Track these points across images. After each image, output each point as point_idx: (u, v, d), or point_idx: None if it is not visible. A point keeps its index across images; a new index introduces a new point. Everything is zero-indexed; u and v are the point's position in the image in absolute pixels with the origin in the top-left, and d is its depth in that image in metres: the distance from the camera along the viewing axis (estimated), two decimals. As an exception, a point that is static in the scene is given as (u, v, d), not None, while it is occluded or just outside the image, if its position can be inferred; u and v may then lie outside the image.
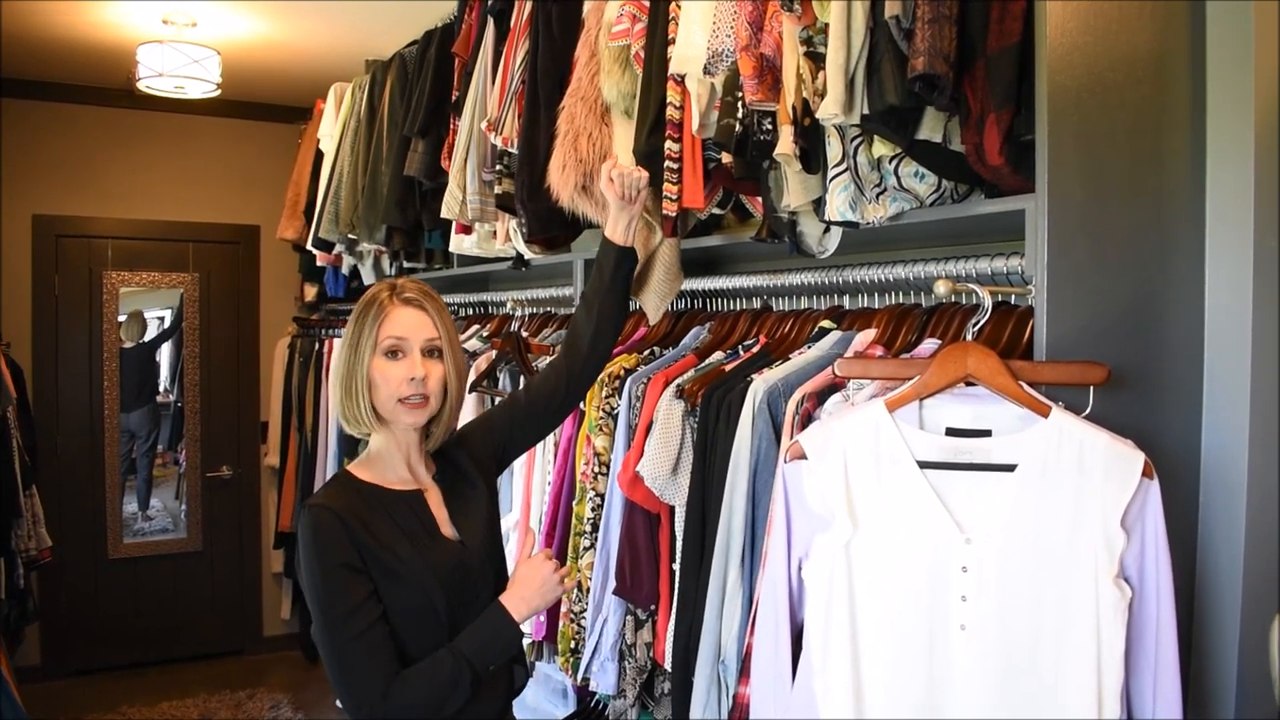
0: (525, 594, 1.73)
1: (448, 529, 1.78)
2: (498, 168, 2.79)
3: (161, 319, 5.65)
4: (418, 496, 1.77)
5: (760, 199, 2.02)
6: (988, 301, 1.66)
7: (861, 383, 1.71)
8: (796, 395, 1.81)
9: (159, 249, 5.46)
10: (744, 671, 1.74)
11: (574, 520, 2.40)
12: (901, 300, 2.09)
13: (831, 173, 1.76)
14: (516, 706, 1.88)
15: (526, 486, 2.72)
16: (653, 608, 2.18)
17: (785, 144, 1.73)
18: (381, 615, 1.63)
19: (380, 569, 1.64)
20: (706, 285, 2.46)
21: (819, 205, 1.83)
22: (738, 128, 1.85)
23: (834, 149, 1.75)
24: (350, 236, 3.84)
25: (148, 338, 5.60)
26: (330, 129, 4.14)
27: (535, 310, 3.35)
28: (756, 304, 2.48)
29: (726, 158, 1.93)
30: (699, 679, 1.92)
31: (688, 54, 1.94)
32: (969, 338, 1.65)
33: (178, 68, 4.06)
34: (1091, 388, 1.47)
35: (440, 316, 1.76)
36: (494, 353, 2.97)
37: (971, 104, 1.59)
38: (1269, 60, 1.69)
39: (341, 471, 1.79)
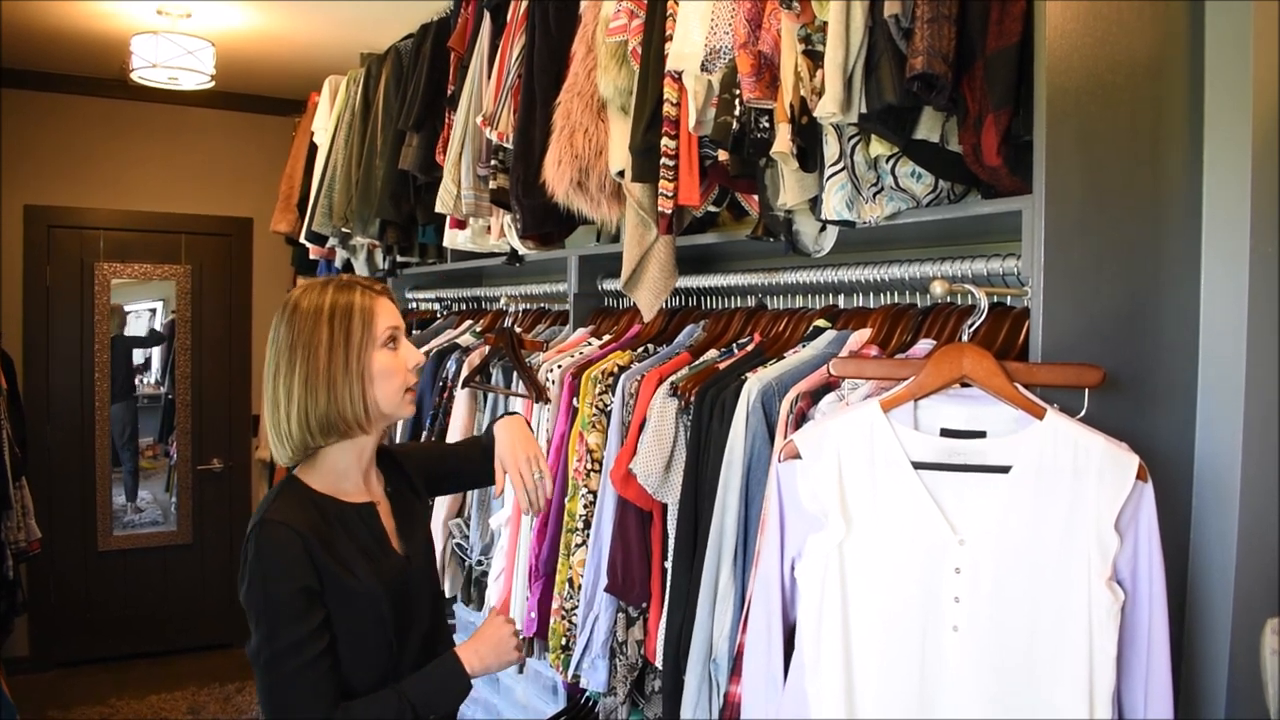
0: (482, 651, 1.69)
1: (396, 543, 1.74)
2: (493, 163, 2.78)
3: (153, 311, 5.63)
4: (370, 509, 1.71)
5: (756, 197, 2.01)
6: (984, 302, 1.66)
7: (856, 382, 1.70)
8: (791, 394, 1.81)
9: (151, 240, 5.44)
10: (735, 670, 1.73)
11: (566, 517, 2.40)
12: (897, 300, 2.09)
13: (828, 171, 1.75)
14: (508, 703, 1.88)
15: (519, 483, 2.71)
16: (644, 605, 2.17)
17: (782, 142, 1.72)
18: (329, 645, 1.56)
19: (337, 588, 1.58)
20: (701, 283, 2.45)
21: (815, 204, 1.83)
22: (735, 125, 1.85)
23: (831, 148, 1.74)
24: (344, 230, 3.83)
25: (128, 333, 5.56)
26: (324, 122, 4.12)
27: (529, 306, 3.34)
28: (751, 302, 2.47)
29: (723, 155, 1.93)
30: (690, 677, 1.92)
31: (685, 50, 1.93)
32: (965, 338, 1.65)
33: (172, 59, 4.04)
34: (1086, 390, 1.46)
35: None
36: (487, 348, 2.97)
37: (969, 104, 1.58)
38: (1268, 63, 1.69)
39: (293, 479, 1.68)
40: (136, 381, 5.64)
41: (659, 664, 2.08)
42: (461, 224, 3.13)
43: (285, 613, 1.54)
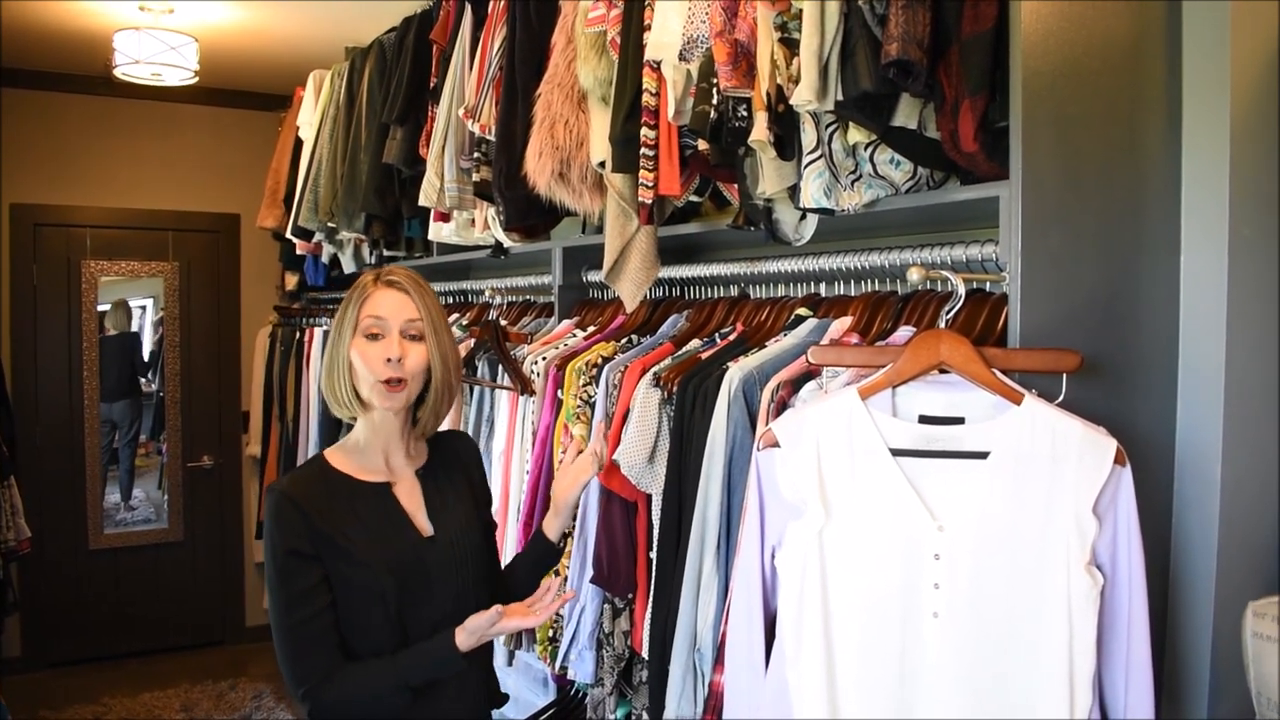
0: (469, 625, 1.69)
1: (421, 521, 1.78)
2: (475, 155, 2.77)
3: (143, 309, 5.60)
4: (385, 488, 1.77)
5: (737, 186, 2.01)
6: (961, 289, 1.66)
7: (837, 370, 1.70)
8: (771, 383, 1.81)
9: (138, 238, 5.41)
10: (719, 660, 1.73)
11: (552, 509, 2.39)
12: (878, 288, 2.09)
13: (806, 159, 1.75)
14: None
15: (505, 475, 2.71)
16: (630, 596, 2.17)
17: (760, 130, 1.72)
18: (330, 604, 1.67)
19: (332, 550, 1.67)
20: (684, 273, 2.45)
21: (794, 192, 1.82)
22: (713, 114, 1.84)
23: (809, 135, 1.74)
24: (330, 225, 3.82)
25: (133, 329, 5.55)
26: (309, 117, 4.11)
27: (514, 299, 3.33)
28: (734, 292, 2.47)
29: (702, 144, 1.92)
30: (675, 667, 1.92)
31: (663, 40, 1.93)
32: (943, 325, 1.65)
33: (155, 54, 4.01)
34: (1065, 375, 1.46)
35: (424, 300, 1.75)
36: (472, 341, 2.96)
37: (946, 90, 1.58)
38: (1245, 47, 1.69)
39: (318, 456, 1.80)
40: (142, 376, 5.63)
41: (645, 654, 2.08)
42: (446, 217, 3.13)
43: (282, 570, 1.67)
